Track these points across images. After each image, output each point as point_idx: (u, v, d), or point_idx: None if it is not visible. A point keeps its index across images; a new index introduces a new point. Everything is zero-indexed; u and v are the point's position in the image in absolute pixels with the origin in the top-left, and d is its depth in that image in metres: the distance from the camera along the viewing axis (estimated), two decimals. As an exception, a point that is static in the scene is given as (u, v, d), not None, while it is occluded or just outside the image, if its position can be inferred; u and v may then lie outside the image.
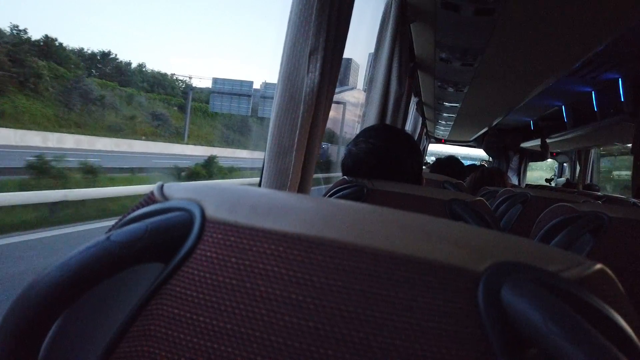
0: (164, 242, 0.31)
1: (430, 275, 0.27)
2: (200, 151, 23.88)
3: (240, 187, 0.35)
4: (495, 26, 1.88)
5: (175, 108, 27.40)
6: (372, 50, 2.01)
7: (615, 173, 7.60)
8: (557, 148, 6.39)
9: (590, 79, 3.44)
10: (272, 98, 0.99)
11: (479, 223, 0.96)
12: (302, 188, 1.04)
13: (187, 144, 25.49)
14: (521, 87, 3.16)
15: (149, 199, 0.36)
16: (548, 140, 5.35)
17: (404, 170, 1.12)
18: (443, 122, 5.53)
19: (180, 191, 0.35)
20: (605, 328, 0.25)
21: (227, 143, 28.89)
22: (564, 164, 7.26)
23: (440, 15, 1.87)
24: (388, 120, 2.03)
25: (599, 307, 0.26)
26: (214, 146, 26.23)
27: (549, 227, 1.09)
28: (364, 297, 0.28)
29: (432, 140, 7.66)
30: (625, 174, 6.98)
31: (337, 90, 1.14)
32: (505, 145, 5.56)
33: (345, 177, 1.10)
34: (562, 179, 6.97)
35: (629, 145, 4.44)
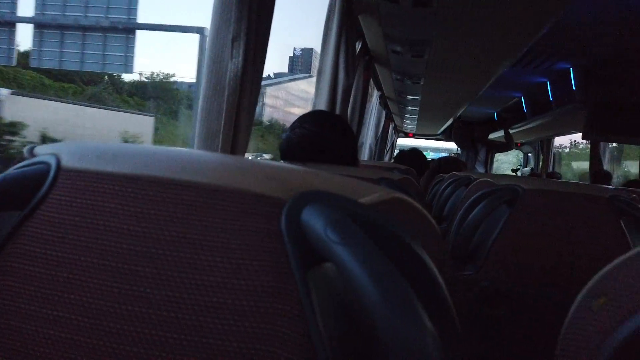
0: (19, 191, 0.35)
1: (243, 203, 0.32)
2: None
3: (101, 143, 0.39)
4: (436, 17, 1.95)
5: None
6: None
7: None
8: (520, 138, 6.56)
9: (544, 69, 3.56)
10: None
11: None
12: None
13: None
14: (475, 77, 3.25)
15: (22, 159, 0.39)
16: (511, 131, 5.50)
17: (338, 153, 1.17)
18: (408, 116, 5.63)
19: (46, 148, 0.38)
20: (390, 243, 0.29)
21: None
22: (529, 154, 7.45)
23: (383, 7, 1.93)
24: (338, 112, 2.08)
25: (386, 224, 0.30)
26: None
27: (470, 201, 1.16)
28: (186, 223, 0.32)
29: (402, 134, 7.76)
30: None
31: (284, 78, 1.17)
32: (474, 138, 5.70)
33: (282, 161, 1.14)
34: (527, 169, 7.16)
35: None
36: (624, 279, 0.32)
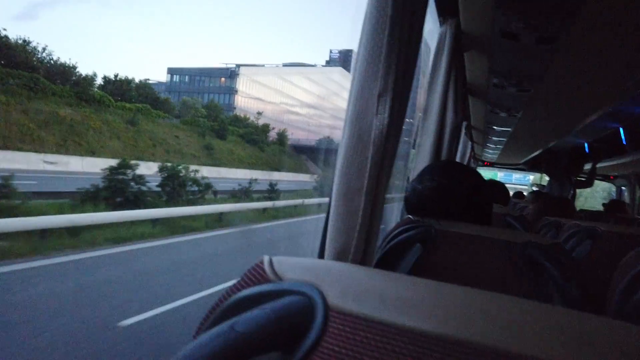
0: (287, 330, 0.30)
1: None
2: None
3: (358, 270, 0.34)
4: (555, 53, 1.83)
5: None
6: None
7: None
8: (614, 171, 6.09)
9: (652, 98, 3.28)
10: None
11: (558, 270, 0.91)
12: (370, 230, 1.02)
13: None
14: (579, 111, 3.04)
15: (260, 275, 0.34)
16: (605, 164, 5.12)
17: (472, 209, 1.08)
18: (492, 146, 5.40)
19: (293, 270, 0.33)
20: None
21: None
22: (622, 187, 6.90)
23: (497, 44, 1.83)
24: (444, 150, 1.99)
25: None
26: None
27: (634, 274, 1.02)
28: None
29: (480, 163, 7.49)
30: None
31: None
32: (566, 169, 5.36)
33: (410, 216, 1.07)
34: None
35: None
36: None
